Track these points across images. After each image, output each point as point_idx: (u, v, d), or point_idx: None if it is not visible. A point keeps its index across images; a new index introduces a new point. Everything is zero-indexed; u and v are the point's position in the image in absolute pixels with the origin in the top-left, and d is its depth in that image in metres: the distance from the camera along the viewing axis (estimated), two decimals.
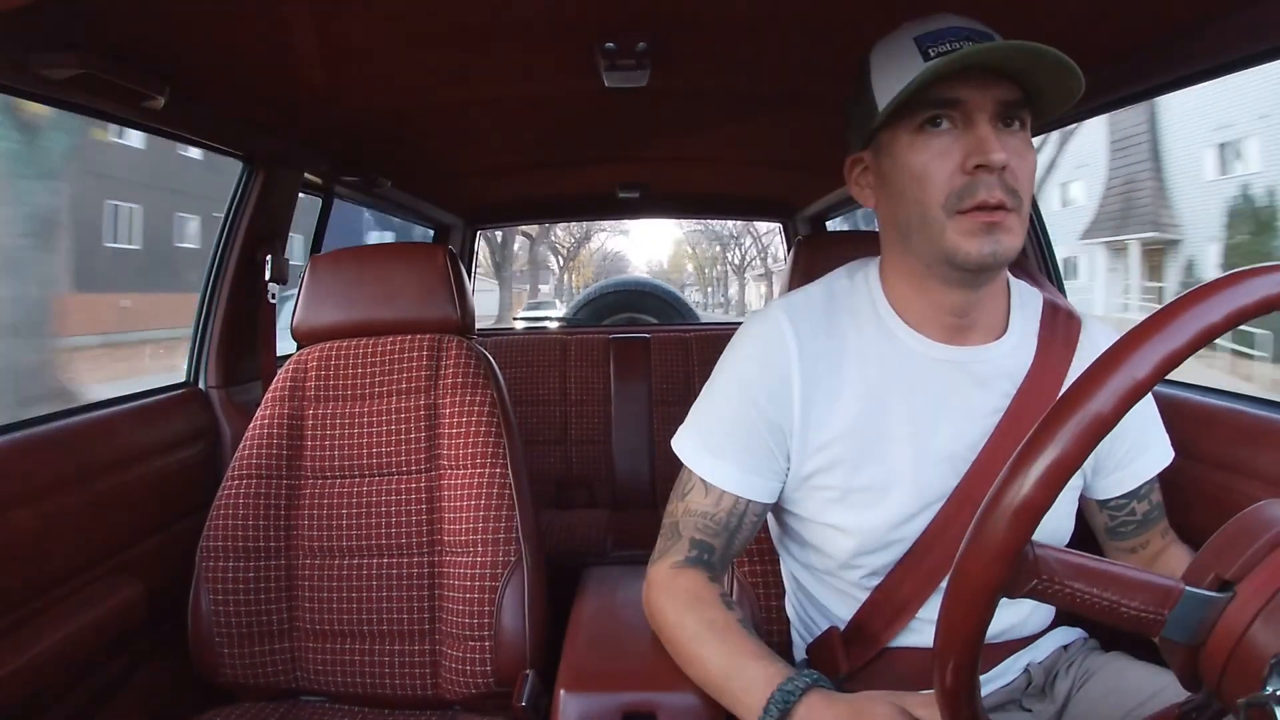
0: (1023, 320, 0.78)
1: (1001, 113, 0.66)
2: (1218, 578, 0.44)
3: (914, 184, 0.68)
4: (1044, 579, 0.43)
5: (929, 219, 0.68)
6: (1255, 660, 0.41)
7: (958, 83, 0.65)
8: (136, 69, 0.97)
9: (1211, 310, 0.41)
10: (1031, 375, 0.74)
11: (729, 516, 0.76)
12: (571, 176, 2.19)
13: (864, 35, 0.77)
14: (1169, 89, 1.07)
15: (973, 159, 0.65)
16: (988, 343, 0.75)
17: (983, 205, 0.65)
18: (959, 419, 0.73)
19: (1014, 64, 0.64)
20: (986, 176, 0.65)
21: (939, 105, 0.66)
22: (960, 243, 0.67)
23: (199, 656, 1.08)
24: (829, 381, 0.74)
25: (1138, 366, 0.40)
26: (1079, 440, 0.40)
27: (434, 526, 1.09)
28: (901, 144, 0.69)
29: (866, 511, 0.74)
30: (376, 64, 1.15)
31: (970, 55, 0.62)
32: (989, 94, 0.65)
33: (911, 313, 0.75)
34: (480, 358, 1.16)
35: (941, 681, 0.46)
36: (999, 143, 0.65)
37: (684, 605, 0.72)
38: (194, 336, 1.45)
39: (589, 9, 0.99)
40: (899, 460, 0.73)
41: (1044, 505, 0.41)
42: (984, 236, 0.66)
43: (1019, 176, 0.66)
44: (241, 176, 1.43)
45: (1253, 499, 0.48)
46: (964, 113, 0.66)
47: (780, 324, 0.76)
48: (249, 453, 1.12)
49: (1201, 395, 1.06)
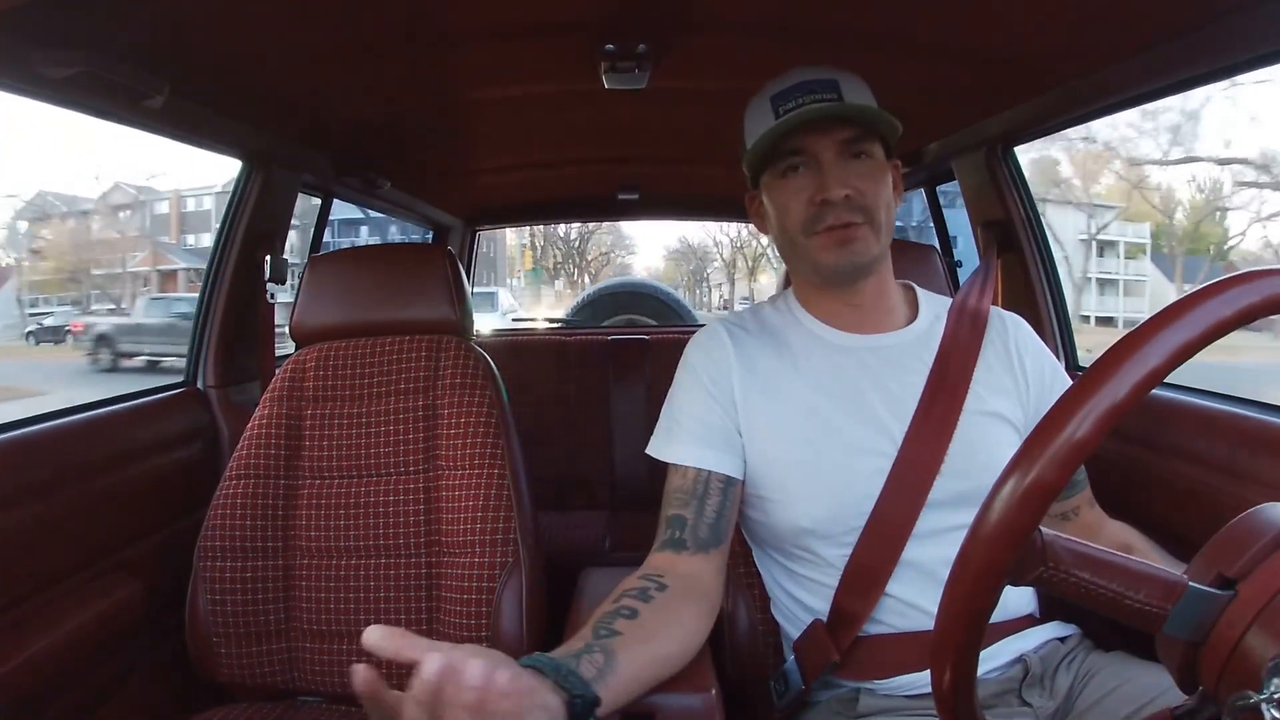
0: (932, 311, 0.91)
1: (845, 150, 0.81)
2: (1220, 575, 0.44)
3: (781, 216, 0.85)
4: (1050, 566, 0.43)
5: (795, 242, 0.85)
6: (1253, 661, 0.41)
7: (801, 134, 0.81)
8: (136, 68, 0.97)
9: (1224, 305, 0.41)
10: (942, 351, 0.86)
11: (694, 485, 0.84)
12: (571, 178, 2.18)
13: (860, 38, 0.77)
14: (1156, 96, 1.09)
15: (818, 195, 0.81)
16: (897, 329, 0.89)
17: (831, 228, 0.81)
18: (886, 395, 0.84)
19: (839, 115, 0.80)
20: (831, 206, 0.80)
21: (792, 154, 0.82)
22: (820, 257, 0.83)
23: (196, 656, 1.08)
24: (763, 371, 0.86)
25: (1151, 353, 0.40)
26: (1096, 424, 0.40)
27: (432, 527, 1.09)
28: (773, 186, 0.86)
29: (815, 479, 0.82)
30: (376, 65, 1.15)
31: (800, 115, 0.79)
32: (829, 138, 0.81)
33: (824, 313, 0.89)
34: (479, 358, 1.16)
35: (939, 672, 0.46)
36: (840, 177, 0.80)
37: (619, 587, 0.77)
38: (193, 336, 1.45)
39: (589, 11, 0.99)
40: (834, 433, 0.83)
41: (1057, 486, 0.41)
42: (838, 249, 0.82)
43: (867, 197, 0.81)
44: (240, 177, 1.43)
45: (1252, 503, 0.48)
46: (812, 156, 0.81)
47: (718, 330, 0.90)
48: (247, 452, 1.12)
49: (1201, 399, 1.06)
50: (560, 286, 24.38)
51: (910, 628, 0.80)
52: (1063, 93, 1.17)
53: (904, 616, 0.80)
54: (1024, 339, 0.91)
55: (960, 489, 0.79)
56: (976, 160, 1.49)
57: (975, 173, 1.51)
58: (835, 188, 0.79)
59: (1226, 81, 1.09)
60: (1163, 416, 0.88)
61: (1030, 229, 1.46)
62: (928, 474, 0.80)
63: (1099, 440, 0.40)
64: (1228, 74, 0.98)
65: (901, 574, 0.80)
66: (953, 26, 1.01)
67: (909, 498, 0.80)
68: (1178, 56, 0.97)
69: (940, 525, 0.79)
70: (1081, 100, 1.18)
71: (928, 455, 0.80)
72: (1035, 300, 1.44)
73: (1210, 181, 16.58)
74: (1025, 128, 1.37)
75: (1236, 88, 14.34)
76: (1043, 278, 1.45)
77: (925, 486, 0.80)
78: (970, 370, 0.85)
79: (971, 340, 0.87)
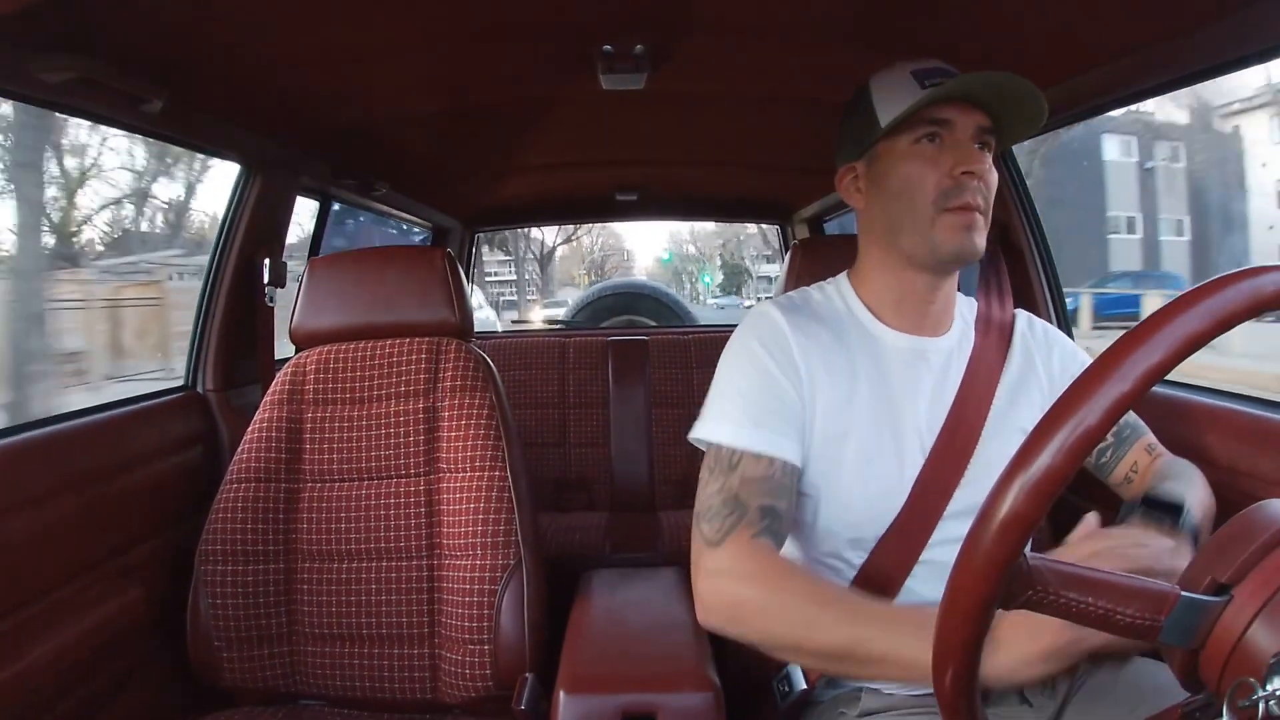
0: (963, 318, 0.90)
1: (977, 135, 0.80)
2: (1214, 582, 0.44)
3: (909, 185, 0.80)
4: (1038, 590, 0.43)
5: (920, 215, 0.80)
6: (1254, 660, 0.41)
7: (947, 108, 0.79)
8: (134, 73, 0.96)
9: (1195, 318, 0.40)
10: (972, 363, 0.86)
11: (784, 477, 0.78)
12: (569, 179, 2.19)
13: (858, 39, 0.78)
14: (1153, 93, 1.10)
15: (960, 166, 0.78)
16: (938, 335, 0.87)
17: (966, 205, 0.78)
18: (923, 403, 0.83)
19: (991, 94, 0.78)
20: (969, 181, 0.78)
21: (932, 124, 0.79)
22: (946, 235, 0.79)
23: (198, 660, 1.08)
24: (823, 362, 0.82)
25: (1123, 379, 0.40)
26: (1067, 453, 0.40)
27: (433, 530, 1.09)
28: (898, 154, 0.81)
29: (857, 480, 0.80)
30: (374, 68, 1.15)
31: (961, 85, 0.76)
32: (970, 118, 0.79)
33: (884, 307, 0.86)
34: (479, 361, 1.16)
35: (941, 688, 0.46)
36: (979, 156, 0.78)
37: (776, 579, 0.72)
38: (192, 340, 1.44)
39: (587, 12, 0.99)
40: (882, 437, 0.81)
41: (1034, 518, 0.40)
42: (963, 233, 0.79)
43: (989, 187, 0.80)
44: (239, 180, 1.43)
45: (1254, 499, 0.48)
46: (950, 131, 0.79)
47: (774, 314, 0.85)
48: (247, 456, 1.12)
49: (1203, 396, 1.06)
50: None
51: None
52: (1063, 93, 1.17)
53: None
54: (1052, 340, 0.91)
55: (978, 501, 0.79)
56: None
57: None
58: (978, 162, 0.78)
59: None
60: (1165, 413, 0.88)
61: (1030, 229, 1.46)
62: (949, 486, 0.80)
63: (1073, 468, 0.40)
64: (1227, 70, 0.98)
65: (915, 579, 0.79)
66: (951, 27, 1.01)
67: (931, 506, 0.80)
68: (1177, 55, 0.97)
69: (957, 534, 0.78)
70: (1081, 100, 1.18)
71: (952, 467, 0.80)
72: (1035, 301, 1.43)
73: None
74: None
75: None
76: (1043, 278, 1.45)
77: (946, 498, 0.80)
78: (995, 382, 0.85)
79: (998, 353, 0.87)
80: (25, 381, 6.54)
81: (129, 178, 12.14)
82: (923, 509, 0.79)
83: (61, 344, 7.63)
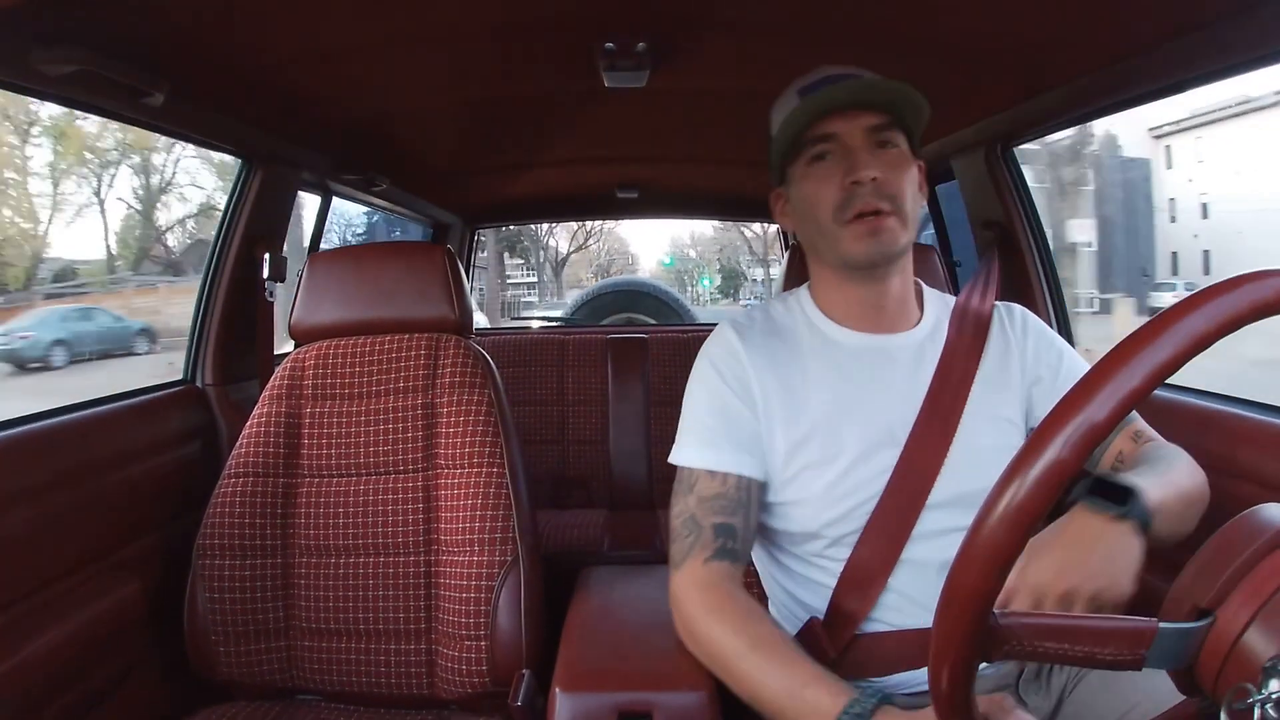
0: (936, 312, 0.91)
1: (872, 137, 0.81)
2: (1195, 608, 0.44)
3: (810, 205, 0.84)
4: (1015, 644, 0.44)
5: (825, 231, 0.83)
6: (1249, 667, 0.41)
7: (829, 120, 0.81)
8: (135, 66, 0.96)
9: (1198, 320, 0.40)
10: (945, 354, 0.86)
11: (738, 492, 0.82)
12: (570, 176, 2.18)
13: (859, 37, 0.78)
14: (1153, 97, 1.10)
15: (848, 177, 0.80)
16: (903, 331, 0.88)
17: (861, 213, 0.80)
18: (892, 397, 0.84)
19: (851, 98, 0.81)
20: (859, 190, 0.80)
21: (819, 141, 0.82)
22: (851, 246, 0.82)
23: (195, 655, 1.08)
24: (776, 375, 0.85)
25: (1131, 376, 0.39)
26: (1074, 447, 0.39)
27: (430, 526, 1.09)
28: (799, 176, 0.85)
29: (826, 483, 0.82)
30: (375, 63, 1.15)
31: (819, 100, 0.80)
32: (855, 123, 0.81)
33: (837, 312, 0.89)
34: (478, 357, 1.16)
35: (937, 684, 0.46)
36: (868, 161, 0.80)
37: (728, 621, 0.76)
38: (191, 334, 1.44)
39: (589, 10, 0.99)
40: (844, 435, 0.82)
41: (1038, 512, 0.40)
42: (868, 239, 0.81)
43: (894, 185, 0.80)
44: (239, 174, 1.42)
45: (1250, 502, 0.48)
46: (839, 143, 0.81)
47: (728, 335, 0.88)
48: (246, 451, 1.12)
49: (1199, 399, 1.06)
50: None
51: (907, 624, 0.80)
52: (1062, 93, 1.17)
53: (901, 613, 0.80)
54: (1029, 328, 0.91)
55: (960, 491, 0.79)
56: (976, 160, 1.49)
57: (975, 173, 1.51)
58: (864, 169, 0.79)
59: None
60: (1162, 415, 0.87)
61: (1030, 229, 1.46)
62: (929, 477, 0.80)
63: (1080, 461, 0.40)
64: (1228, 74, 0.98)
65: (900, 572, 0.80)
66: (952, 26, 1.01)
67: (910, 500, 0.80)
68: (1177, 57, 0.97)
69: (939, 526, 0.80)
70: (1081, 100, 1.18)
71: (930, 458, 0.81)
72: (1035, 301, 1.44)
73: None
74: (1024, 128, 1.37)
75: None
76: (1042, 278, 1.45)
77: (926, 489, 0.80)
78: (972, 374, 0.85)
79: (973, 343, 0.87)
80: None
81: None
82: (902, 501, 0.80)
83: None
